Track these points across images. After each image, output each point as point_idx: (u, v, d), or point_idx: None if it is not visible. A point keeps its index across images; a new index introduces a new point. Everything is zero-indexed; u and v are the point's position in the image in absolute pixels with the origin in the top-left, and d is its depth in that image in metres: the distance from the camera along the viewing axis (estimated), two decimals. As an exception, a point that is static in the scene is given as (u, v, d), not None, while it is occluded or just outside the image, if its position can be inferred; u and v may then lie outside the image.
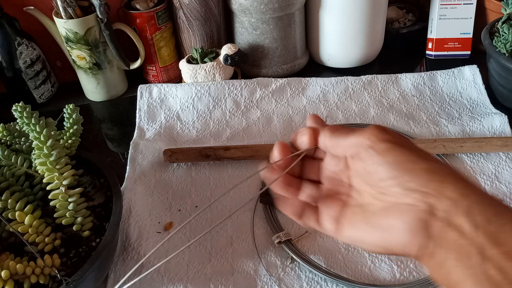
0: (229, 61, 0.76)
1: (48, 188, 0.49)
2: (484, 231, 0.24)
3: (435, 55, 0.87)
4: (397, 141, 0.29)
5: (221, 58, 0.77)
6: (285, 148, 0.34)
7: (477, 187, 0.26)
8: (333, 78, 0.78)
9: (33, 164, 0.51)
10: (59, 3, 0.72)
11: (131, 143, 0.70)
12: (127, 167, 0.66)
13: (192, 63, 0.78)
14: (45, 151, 0.48)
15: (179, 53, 0.87)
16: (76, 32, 0.74)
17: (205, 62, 0.77)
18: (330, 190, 0.34)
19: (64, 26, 0.74)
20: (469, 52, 0.86)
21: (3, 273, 0.42)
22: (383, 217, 0.28)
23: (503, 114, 0.70)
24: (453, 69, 0.78)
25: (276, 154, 0.34)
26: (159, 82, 0.84)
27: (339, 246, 0.55)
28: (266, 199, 0.60)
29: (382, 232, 0.28)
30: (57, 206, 0.49)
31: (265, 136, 0.72)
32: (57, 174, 0.48)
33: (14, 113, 0.49)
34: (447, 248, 0.25)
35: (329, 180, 0.34)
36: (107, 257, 0.52)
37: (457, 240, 0.24)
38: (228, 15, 0.84)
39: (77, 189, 0.50)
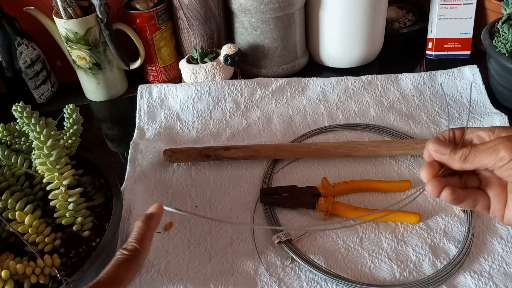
0: (229, 61, 0.76)
1: (48, 188, 0.49)
2: None
3: (435, 55, 0.87)
4: None
5: (221, 58, 0.77)
6: (434, 167, 0.37)
7: None
8: (333, 78, 0.78)
9: (33, 164, 0.51)
10: (59, 3, 0.72)
11: (131, 143, 0.70)
12: (127, 167, 0.66)
13: (192, 63, 0.78)
14: (45, 151, 0.48)
15: (179, 53, 0.87)
16: (76, 32, 0.74)
17: (205, 62, 0.77)
18: (489, 182, 0.38)
19: (64, 26, 0.74)
20: (469, 52, 0.86)
21: (3, 273, 0.42)
22: None
23: (503, 114, 0.70)
24: (453, 69, 0.78)
25: (424, 176, 0.37)
26: (159, 82, 0.84)
27: (339, 246, 0.55)
28: (266, 199, 0.60)
29: None
30: (57, 206, 0.49)
31: (265, 136, 0.72)
32: (57, 174, 0.49)
33: (14, 113, 0.49)
34: None
35: (485, 176, 0.38)
36: (107, 257, 0.52)
37: None
38: (228, 15, 0.84)
39: (77, 189, 0.50)
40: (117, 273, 0.39)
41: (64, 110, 0.56)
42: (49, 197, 0.49)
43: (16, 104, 0.49)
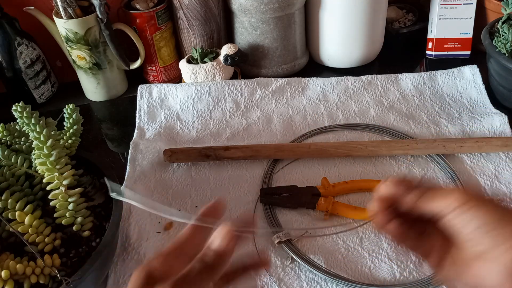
0: (229, 61, 0.76)
1: (48, 188, 0.49)
2: None
3: (435, 55, 0.87)
4: (481, 201, 0.32)
5: (221, 58, 0.77)
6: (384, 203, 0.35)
7: None
8: (333, 78, 0.78)
9: (33, 164, 0.51)
10: (59, 3, 0.72)
11: (131, 143, 0.70)
12: (127, 167, 0.66)
13: (192, 63, 0.78)
14: (45, 151, 0.48)
15: (179, 53, 0.87)
16: (76, 32, 0.74)
17: (205, 62, 0.77)
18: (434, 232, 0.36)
19: (64, 26, 0.74)
20: (469, 52, 0.86)
21: (3, 273, 0.42)
22: (476, 265, 0.32)
23: (503, 114, 0.70)
24: (453, 69, 0.78)
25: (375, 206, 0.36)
26: (159, 82, 0.84)
27: (339, 246, 0.55)
28: (266, 199, 0.60)
29: (476, 277, 0.32)
30: (57, 206, 0.49)
31: (265, 136, 0.72)
32: (57, 174, 0.48)
33: (14, 113, 0.49)
34: None
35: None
36: (107, 257, 0.52)
37: None
38: (228, 15, 0.84)
39: (77, 189, 0.50)
40: None
41: (64, 110, 0.56)
42: (49, 197, 0.49)
43: (16, 104, 0.49)
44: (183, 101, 0.76)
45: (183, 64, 0.79)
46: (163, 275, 0.31)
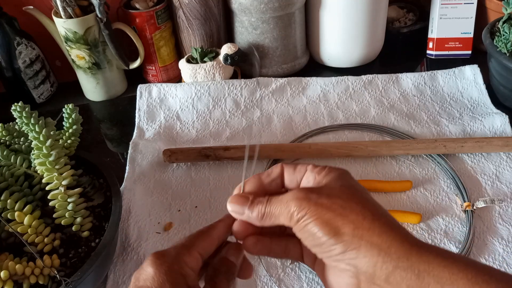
0: (229, 60, 0.76)
1: (47, 188, 0.49)
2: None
3: (435, 55, 0.87)
4: (317, 210, 0.30)
5: (221, 57, 0.77)
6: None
7: (393, 245, 0.28)
8: (333, 77, 0.78)
9: (32, 164, 0.51)
10: (58, 2, 0.72)
11: (130, 143, 0.70)
12: (127, 167, 0.65)
13: (191, 63, 0.78)
14: (44, 151, 0.48)
15: (179, 53, 0.86)
16: (75, 32, 0.74)
17: (205, 62, 0.77)
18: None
19: (63, 26, 0.74)
20: (470, 52, 0.85)
21: (2, 274, 0.42)
22: (329, 274, 0.31)
23: (504, 114, 0.70)
24: (454, 68, 0.78)
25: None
26: (159, 82, 0.84)
27: (340, 247, 0.55)
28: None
29: (335, 283, 0.31)
30: (56, 206, 0.49)
31: (265, 136, 0.72)
32: (56, 174, 0.48)
33: (13, 113, 0.49)
34: None
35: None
36: (107, 258, 0.51)
37: None
38: (228, 15, 0.84)
39: (76, 189, 0.50)
40: None
41: (63, 110, 0.56)
42: (49, 197, 0.49)
43: (15, 104, 0.49)
44: (183, 101, 0.75)
45: (182, 64, 0.79)
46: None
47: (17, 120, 0.50)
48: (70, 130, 0.55)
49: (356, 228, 0.28)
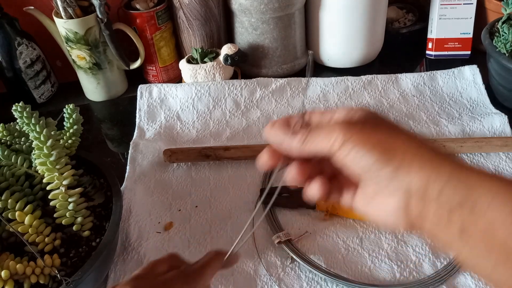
0: (229, 61, 0.76)
1: (48, 188, 0.49)
2: (455, 207, 0.27)
3: (435, 55, 0.87)
4: (363, 135, 0.29)
5: (221, 58, 0.77)
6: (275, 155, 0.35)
7: (444, 163, 0.28)
8: (333, 78, 0.78)
9: (33, 164, 0.51)
10: (59, 3, 0.72)
11: (131, 143, 0.70)
12: (127, 167, 0.66)
13: (192, 63, 0.78)
14: (45, 151, 0.48)
15: (179, 53, 0.87)
16: (76, 32, 0.74)
17: (205, 62, 0.77)
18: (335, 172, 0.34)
19: (64, 26, 0.74)
20: (469, 52, 0.86)
21: (3, 273, 0.42)
22: (374, 203, 0.30)
23: (503, 114, 0.70)
24: (453, 69, 0.78)
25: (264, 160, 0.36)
26: (159, 82, 0.84)
27: (339, 246, 0.55)
28: (266, 199, 0.60)
29: (380, 212, 0.30)
30: (57, 206, 0.49)
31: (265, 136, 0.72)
32: (57, 174, 0.48)
33: (14, 113, 0.49)
34: (429, 221, 0.28)
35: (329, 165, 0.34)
36: (107, 257, 0.52)
37: (435, 213, 0.27)
38: (228, 15, 0.84)
39: (77, 189, 0.50)
40: None
41: (64, 110, 0.56)
42: (49, 197, 0.49)
43: (16, 104, 0.49)
44: (183, 101, 0.75)
45: (183, 64, 0.79)
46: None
47: (18, 120, 0.50)
48: (71, 130, 0.55)
49: (406, 149, 0.28)
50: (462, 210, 0.27)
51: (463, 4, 0.82)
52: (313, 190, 0.33)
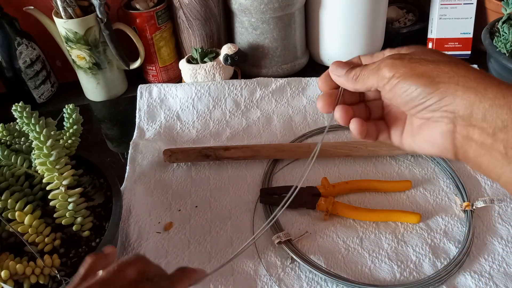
0: (229, 61, 0.76)
1: (48, 188, 0.49)
2: (498, 130, 0.28)
3: (435, 55, 0.87)
4: (409, 68, 0.31)
5: (221, 58, 0.77)
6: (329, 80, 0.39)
7: (487, 86, 0.29)
8: (333, 78, 0.78)
9: (33, 164, 0.51)
10: (59, 3, 0.72)
11: (131, 143, 0.70)
12: (127, 167, 0.66)
13: (192, 63, 0.78)
14: (45, 151, 0.48)
15: (179, 53, 0.87)
16: (76, 32, 0.74)
17: (205, 62, 0.77)
18: (389, 109, 0.38)
19: (64, 26, 0.74)
20: (469, 52, 0.86)
21: (3, 273, 0.42)
22: (421, 132, 0.34)
23: (503, 114, 0.70)
24: (453, 69, 0.78)
25: (320, 84, 0.40)
26: (159, 82, 0.84)
27: (339, 246, 0.55)
28: (266, 199, 0.60)
29: (426, 143, 0.33)
30: (57, 206, 0.49)
31: (265, 136, 0.72)
32: (57, 174, 0.48)
33: (14, 113, 0.49)
34: (474, 145, 0.30)
35: (386, 104, 0.39)
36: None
37: (480, 136, 0.29)
38: (228, 15, 0.84)
39: (77, 189, 0.50)
40: None
41: (64, 110, 0.56)
42: (49, 197, 0.49)
43: (16, 104, 0.49)
44: (183, 101, 0.75)
45: (183, 64, 0.79)
46: None
47: (17, 120, 0.50)
48: (71, 130, 0.55)
49: (451, 77, 0.30)
50: (506, 132, 0.28)
51: (463, 4, 0.82)
52: (351, 127, 0.36)
